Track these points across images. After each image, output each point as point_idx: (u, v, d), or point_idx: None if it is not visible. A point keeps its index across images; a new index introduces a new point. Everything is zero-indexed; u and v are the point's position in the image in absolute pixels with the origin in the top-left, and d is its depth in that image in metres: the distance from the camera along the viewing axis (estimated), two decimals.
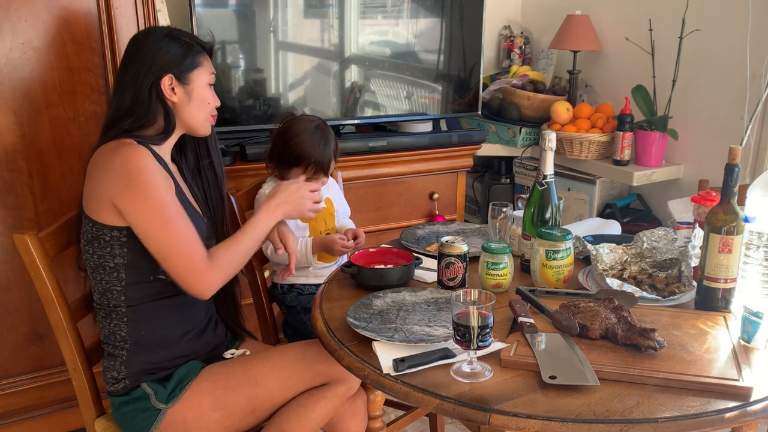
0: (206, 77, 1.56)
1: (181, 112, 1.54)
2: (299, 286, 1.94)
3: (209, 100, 1.58)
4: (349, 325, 1.35)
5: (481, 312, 1.16)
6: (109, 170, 1.42)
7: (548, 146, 1.57)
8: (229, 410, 1.49)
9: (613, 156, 2.85)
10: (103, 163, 1.44)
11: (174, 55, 1.51)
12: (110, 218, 1.44)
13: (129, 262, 1.46)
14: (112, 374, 1.51)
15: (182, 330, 1.54)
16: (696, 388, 1.14)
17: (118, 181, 1.41)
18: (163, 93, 1.50)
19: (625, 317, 1.29)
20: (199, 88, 1.55)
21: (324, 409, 1.54)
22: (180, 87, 1.52)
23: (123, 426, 1.53)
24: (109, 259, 1.46)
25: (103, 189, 1.43)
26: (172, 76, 1.50)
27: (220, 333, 1.65)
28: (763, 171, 2.44)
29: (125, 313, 1.49)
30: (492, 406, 1.09)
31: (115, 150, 1.43)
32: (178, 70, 1.51)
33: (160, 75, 1.49)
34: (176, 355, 1.52)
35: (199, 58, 1.55)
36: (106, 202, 1.43)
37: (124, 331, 1.50)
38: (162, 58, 1.51)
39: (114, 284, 1.48)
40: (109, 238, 1.45)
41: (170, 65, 1.51)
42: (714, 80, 2.69)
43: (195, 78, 1.54)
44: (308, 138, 1.82)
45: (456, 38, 2.87)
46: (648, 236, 1.62)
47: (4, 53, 1.91)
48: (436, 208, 2.87)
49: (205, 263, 1.45)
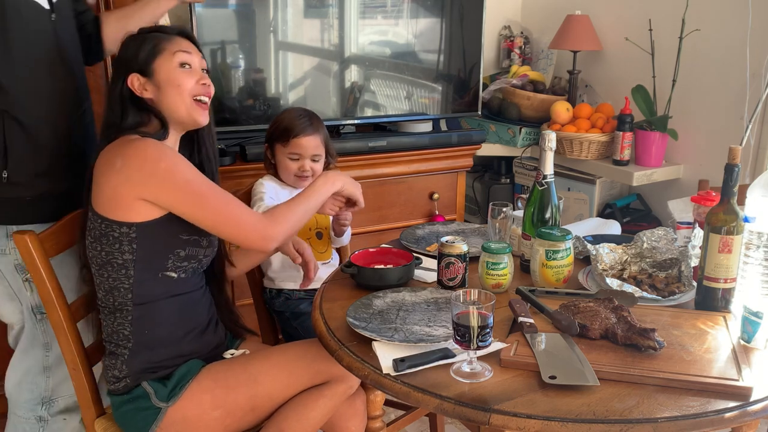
0: (172, 61, 1.50)
1: (160, 106, 1.50)
2: (287, 291, 1.94)
3: (179, 81, 1.50)
4: (349, 325, 1.35)
5: (481, 312, 1.17)
6: (126, 168, 1.41)
7: (548, 146, 1.57)
8: (229, 409, 1.49)
9: (613, 156, 2.85)
10: (116, 162, 1.42)
11: (132, 51, 1.50)
12: (135, 214, 1.43)
13: (138, 258, 1.46)
14: (113, 373, 1.51)
15: (184, 330, 1.54)
16: (696, 388, 1.14)
17: (141, 175, 1.41)
18: (135, 93, 1.49)
19: (625, 317, 1.29)
20: (165, 74, 1.49)
21: (323, 408, 1.54)
22: (148, 81, 1.49)
23: (123, 425, 1.53)
24: (118, 255, 1.46)
25: (124, 187, 1.42)
26: (136, 74, 1.48)
27: (221, 333, 1.65)
28: (763, 171, 2.44)
29: (130, 311, 1.49)
30: (492, 406, 1.09)
31: (125, 147, 1.43)
32: (138, 65, 1.49)
33: (125, 76, 1.48)
34: (177, 355, 1.52)
35: (160, 45, 1.50)
36: (129, 199, 1.42)
37: (128, 330, 1.50)
38: (124, 59, 1.50)
39: (122, 281, 1.48)
40: (118, 234, 1.44)
41: (130, 63, 1.49)
42: (714, 80, 2.69)
43: (158, 66, 1.49)
44: (294, 114, 1.94)
45: (456, 38, 2.87)
46: (648, 236, 1.62)
47: None
48: (436, 208, 2.87)
49: (259, 217, 1.48)
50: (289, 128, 1.90)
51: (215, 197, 1.45)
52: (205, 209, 1.44)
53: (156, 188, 1.41)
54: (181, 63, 1.51)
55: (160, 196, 1.42)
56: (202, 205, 1.43)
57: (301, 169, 1.90)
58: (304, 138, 1.89)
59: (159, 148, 1.43)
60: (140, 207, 1.43)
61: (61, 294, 1.50)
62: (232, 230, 1.45)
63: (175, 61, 1.50)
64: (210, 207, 1.44)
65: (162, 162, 1.41)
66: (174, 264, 1.49)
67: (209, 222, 1.45)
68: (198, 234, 1.50)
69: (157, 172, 1.40)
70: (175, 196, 1.42)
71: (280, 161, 1.92)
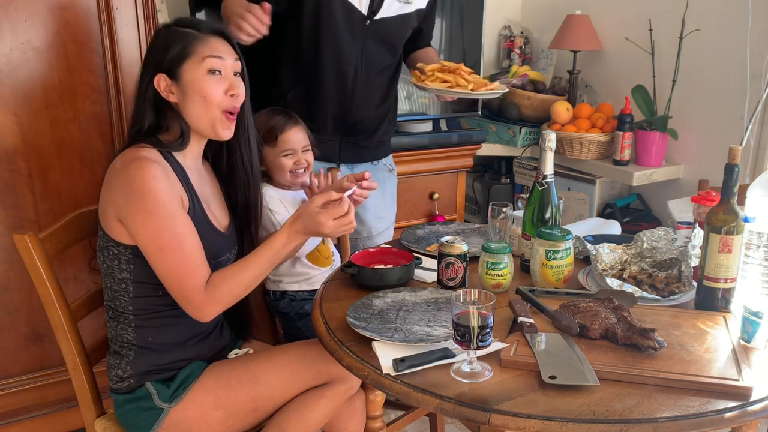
0: (200, 67, 1.39)
1: (184, 113, 1.43)
2: (291, 293, 1.94)
3: (206, 91, 1.40)
4: (349, 325, 1.35)
5: (481, 312, 1.16)
6: (117, 185, 1.38)
7: (548, 146, 1.57)
8: (230, 409, 1.49)
9: (613, 156, 2.85)
10: (113, 175, 1.40)
11: (163, 48, 1.40)
12: (117, 234, 1.42)
13: (135, 278, 1.45)
14: (117, 372, 1.51)
15: (189, 335, 1.53)
16: (696, 388, 1.14)
17: (123, 198, 1.37)
18: (161, 94, 1.42)
19: (625, 317, 1.29)
20: (191, 81, 1.39)
21: (325, 409, 1.54)
22: (174, 84, 1.41)
23: (125, 424, 1.53)
24: (117, 271, 1.45)
25: (109, 202, 1.41)
26: (163, 74, 1.40)
27: (226, 335, 1.65)
28: (763, 171, 2.44)
29: (132, 320, 1.49)
30: (492, 406, 1.09)
31: (126, 162, 1.37)
32: (166, 65, 1.40)
33: (153, 75, 1.40)
34: (182, 358, 1.52)
35: (190, 47, 1.39)
36: (111, 216, 1.41)
37: (131, 335, 1.50)
38: (153, 56, 1.42)
39: (122, 294, 1.47)
40: (116, 251, 1.44)
41: (159, 61, 1.40)
42: (714, 80, 2.69)
43: (185, 71, 1.39)
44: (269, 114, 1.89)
45: (456, 38, 2.87)
46: (648, 236, 1.62)
47: (4, 53, 1.91)
48: (436, 208, 2.87)
49: (201, 294, 1.39)
50: (273, 127, 1.86)
51: (176, 257, 1.37)
52: (159, 262, 1.38)
53: (128, 216, 1.37)
54: (210, 70, 1.41)
55: (130, 224, 1.38)
56: (159, 258, 1.37)
57: (297, 163, 1.88)
58: (290, 131, 1.87)
59: (148, 183, 1.34)
60: (119, 227, 1.40)
61: (61, 294, 1.50)
62: (175, 295, 1.40)
63: (204, 67, 1.40)
64: (165, 264, 1.37)
65: (145, 199, 1.34)
66: None
67: (159, 273, 1.40)
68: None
69: (137, 202, 1.35)
70: (142, 233, 1.37)
71: (273, 163, 1.88)
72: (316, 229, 1.43)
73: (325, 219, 1.41)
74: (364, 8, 1.97)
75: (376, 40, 2.03)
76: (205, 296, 1.40)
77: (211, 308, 1.42)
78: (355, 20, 1.97)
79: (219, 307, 1.43)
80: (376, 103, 2.12)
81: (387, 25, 2.02)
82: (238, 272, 1.43)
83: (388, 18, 2.01)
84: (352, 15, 1.97)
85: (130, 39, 2.06)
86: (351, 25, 1.97)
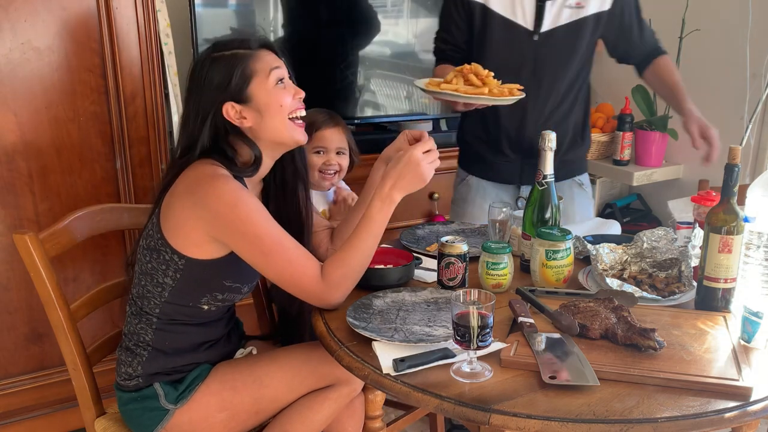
0: (268, 81, 1.40)
1: (262, 132, 1.42)
2: None
3: (281, 100, 1.41)
4: (349, 325, 1.35)
5: (481, 312, 1.16)
6: (201, 206, 1.37)
7: (548, 146, 1.57)
8: (234, 411, 1.50)
9: (613, 156, 2.85)
10: (194, 193, 1.38)
11: (220, 78, 1.39)
12: (198, 250, 1.40)
13: (177, 287, 1.45)
14: (127, 370, 1.51)
15: (202, 340, 1.54)
16: (696, 388, 1.14)
17: (214, 217, 1.36)
18: (233, 122, 1.40)
19: (625, 317, 1.29)
20: (265, 97, 1.40)
21: (328, 411, 1.54)
22: (246, 108, 1.40)
23: (128, 421, 1.53)
24: (160, 275, 1.45)
25: (196, 222, 1.38)
26: (230, 102, 1.39)
27: (235, 340, 1.66)
28: (763, 171, 2.44)
29: (155, 323, 1.49)
30: (492, 406, 1.09)
31: (204, 181, 1.37)
32: (231, 93, 1.39)
33: (219, 106, 1.39)
34: (192, 362, 1.52)
35: (251, 66, 1.40)
36: (197, 234, 1.39)
37: (149, 336, 1.50)
38: (209, 87, 1.39)
39: (155, 296, 1.48)
40: (168, 257, 1.43)
41: (222, 92, 1.39)
42: (714, 80, 2.69)
43: (254, 91, 1.40)
44: (313, 111, 1.82)
45: None
46: (648, 236, 1.62)
47: (4, 53, 1.91)
48: (436, 208, 2.87)
49: (320, 284, 1.39)
50: (312, 123, 1.82)
51: (280, 255, 1.38)
52: (268, 266, 1.39)
53: (226, 233, 1.37)
54: (278, 79, 1.42)
55: (230, 241, 1.38)
56: (267, 263, 1.38)
57: (327, 163, 1.85)
58: (327, 130, 1.85)
59: (236, 194, 1.36)
60: (207, 245, 1.40)
61: (61, 294, 1.50)
62: (292, 290, 1.41)
63: (271, 81, 1.41)
64: (273, 265, 1.38)
65: (237, 209, 1.35)
66: (208, 301, 1.48)
67: (270, 276, 1.41)
68: (241, 282, 1.49)
69: (231, 219, 1.35)
70: (243, 246, 1.38)
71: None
72: (422, 177, 1.45)
73: (426, 164, 1.44)
74: (528, 23, 1.86)
75: (548, 53, 1.90)
76: (324, 285, 1.40)
77: (334, 294, 1.41)
78: (520, 38, 1.87)
79: (341, 292, 1.42)
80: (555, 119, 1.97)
81: (558, 37, 1.89)
82: (346, 255, 1.41)
83: (559, 28, 1.89)
84: (515, 32, 1.86)
85: (130, 39, 2.06)
86: (516, 43, 1.86)
